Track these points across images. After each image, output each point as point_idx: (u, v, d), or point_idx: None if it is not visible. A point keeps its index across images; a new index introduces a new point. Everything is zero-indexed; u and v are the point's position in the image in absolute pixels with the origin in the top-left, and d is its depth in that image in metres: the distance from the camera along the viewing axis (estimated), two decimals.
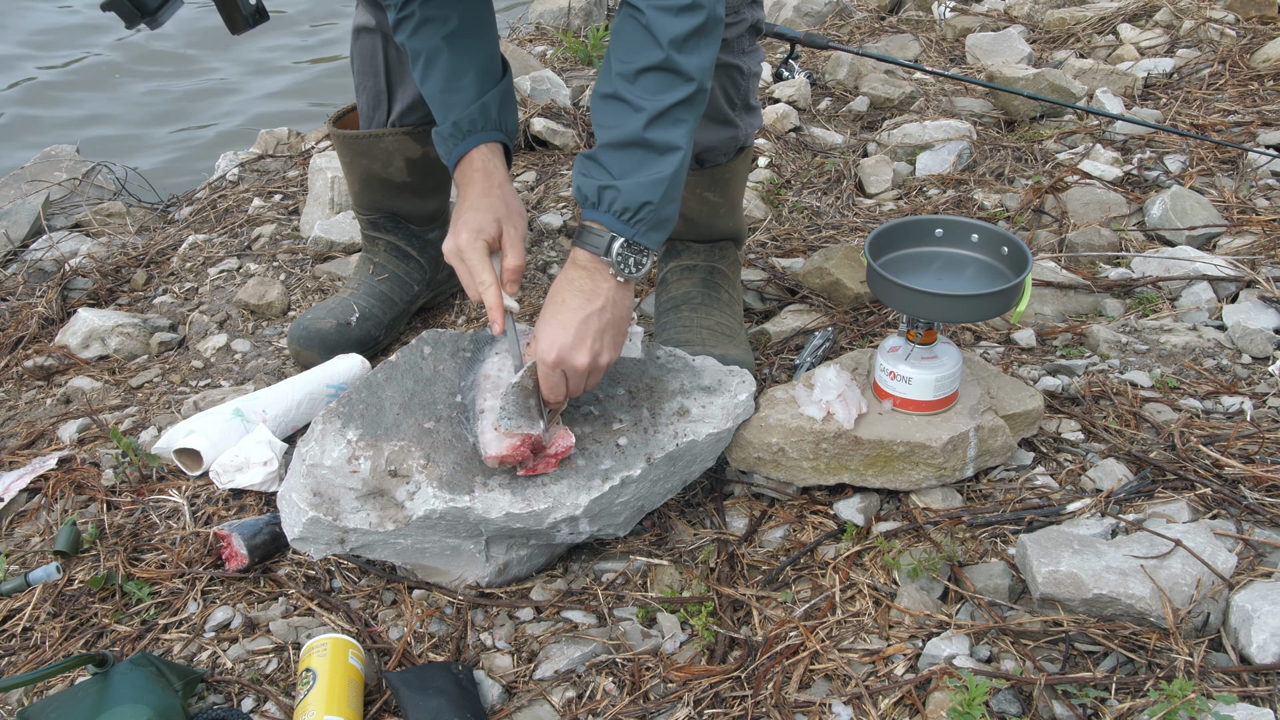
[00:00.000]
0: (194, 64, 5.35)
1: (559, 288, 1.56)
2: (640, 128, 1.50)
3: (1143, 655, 1.40)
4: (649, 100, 1.49)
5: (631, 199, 1.51)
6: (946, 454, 1.66)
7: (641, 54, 1.49)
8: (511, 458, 1.53)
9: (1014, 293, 1.61)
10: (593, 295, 1.54)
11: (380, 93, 2.12)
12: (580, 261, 1.54)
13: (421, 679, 1.44)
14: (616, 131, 1.51)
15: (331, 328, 2.14)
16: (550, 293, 1.57)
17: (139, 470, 1.92)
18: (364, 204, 2.23)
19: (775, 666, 1.46)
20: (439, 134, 1.71)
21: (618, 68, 1.51)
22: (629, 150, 1.51)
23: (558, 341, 1.51)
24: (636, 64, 1.49)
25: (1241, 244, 2.40)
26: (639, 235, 1.53)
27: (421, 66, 1.70)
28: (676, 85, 1.50)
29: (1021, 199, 2.65)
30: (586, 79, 3.50)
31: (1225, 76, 3.29)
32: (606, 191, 1.52)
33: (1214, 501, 1.65)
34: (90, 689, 1.42)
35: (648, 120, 1.50)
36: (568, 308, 1.53)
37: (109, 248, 2.81)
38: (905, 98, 3.31)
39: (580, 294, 1.53)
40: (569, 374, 1.54)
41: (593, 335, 1.53)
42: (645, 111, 1.49)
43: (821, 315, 2.23)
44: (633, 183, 1.51)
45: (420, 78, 1.71)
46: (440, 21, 1.67)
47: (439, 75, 1.69)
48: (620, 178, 1.51)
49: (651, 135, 1.50)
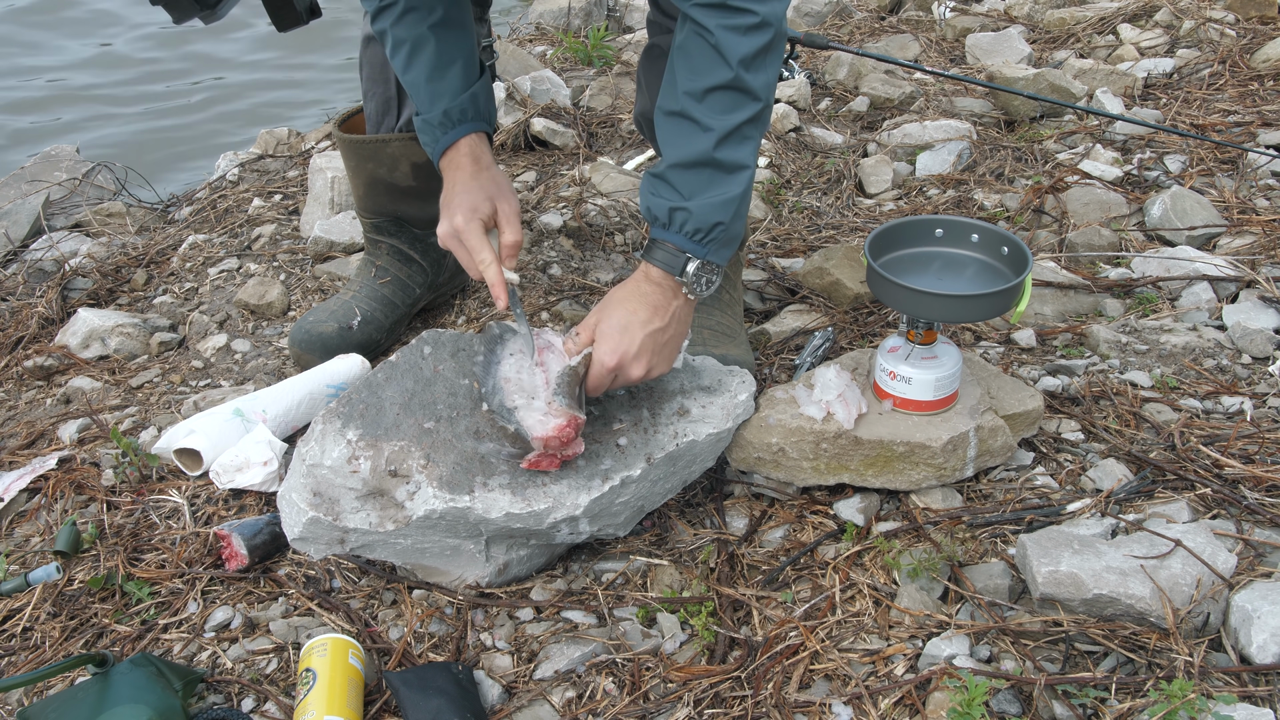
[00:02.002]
0: (194, 64, 5.35)
1: (630, 296, 1.57)
2: (710, 147, 1.50)
3: (1143, 655, 1.40)
4: (718, 120, 1.50)
5: (704, 220, 1.53)
6: (946, 454, 1.66)
7: (709, 73, 1.49)
8: (559, 439, 1.53)
9: (1014, 293, 1.61)
10: (662, 311, 1.57)
11: (390, 99, 2.13)
12: (654, 278, 1.57)
13: (421, 679, 1.44)
14: (685, 151, 1.52)
15: (333, 331, 2.14)
16: (617, 297, 1.58)
17: (139, 470, 1.92)
18: (368, 207, 2.23)
19: (775, 666, 1.46)
20: (425, 121, 1.73)
21: (685, 86, 1.51)
22: (698, 170, 1.52)
23: (620, 349, 1.55)
24: (704, 83, 1.49)
25: (1241, 244, 2.40)
26: (710, 254, 1.56)
27: (405, 54, 1.71)
28: (744, 104, 1.50)
29: (1021, 199, 2.65)
30: (586, 79, 3.50)
31: (1225, 76, 3.29)
32: (678, 213, 1.53)
33: (1214, 501, 1.65)
34: (90, 689, 1.42)
35: (717, 140, 1.50)
36: (637, 319, 1.56)
37: (109, 248, 2.81)
38: (905, 98, 3.31)
39: (651, 308, 1.57)
40: (620, 379, 1.58)
41: (652, 350, 1.58)
42: (714, 131, 1.50)
43: (821, 315, 2.23)
44: (704, 203, 1.52)
45: (403, 66, 1.73)
46: (425, 10, 1.68)
47: (424, 64, 1.71)
48: (690, 198, 1.52)
49: (721, 155, 1.51)
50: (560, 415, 1.53)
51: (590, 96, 3.37)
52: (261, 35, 5.48)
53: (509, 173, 2.99)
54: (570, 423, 1.53)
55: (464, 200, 1.67)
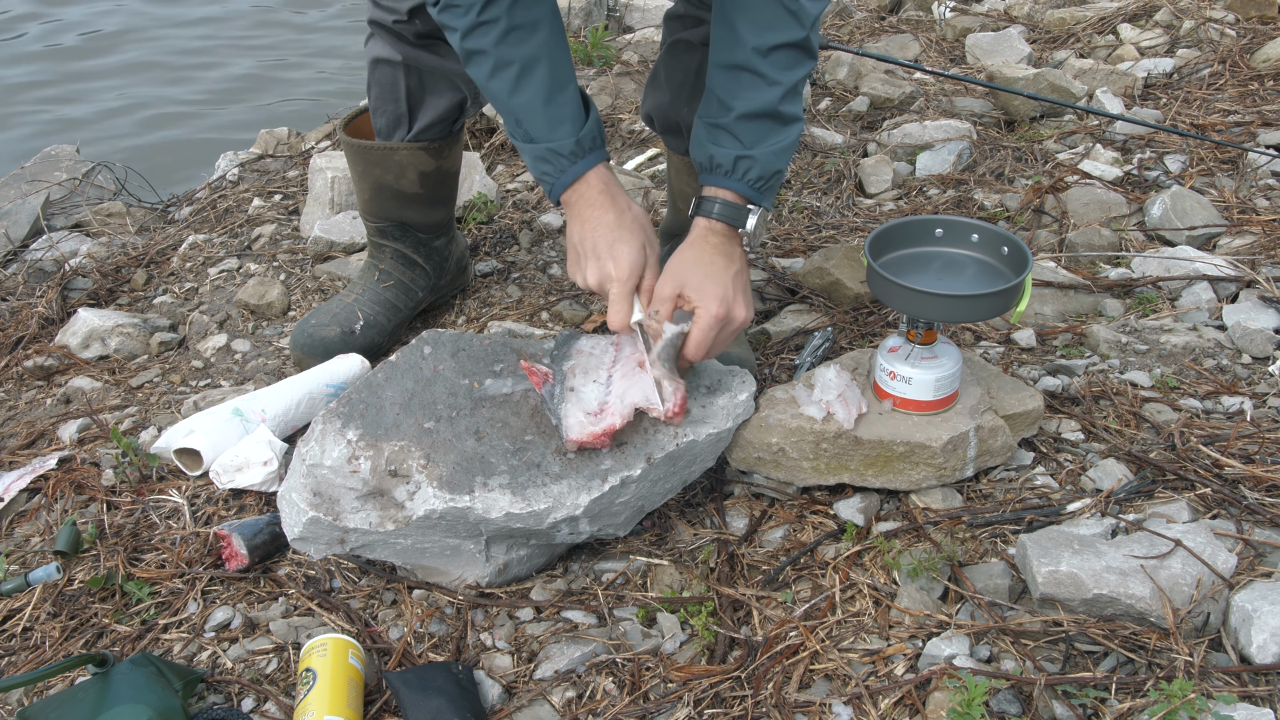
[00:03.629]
0: (194, 63, 5.35)
1: (700, 251, 1.61)
2: (776, 100, 1.60)
3: (1143, 655, 1.40)
4: (784, 75, 1.59)
5: (766, 167, 1.62)
6: (946, 454, 1.66)
7: (780, 31, 1.57)
8: (591, 444, 1.57)
9: (1014, 293, 1.61)
10: (734, 257, 1.63)
11: (401, 115, 2.12)
12: (718, 230, 1.62)
13: (421, 679, 1.44)
14: (751, 103, 1.60)
15: (335, 335, 2.13)
16: (689, 257, 1.62)
17: (139, 470, 1.92)
18: (373, 212, 2.23)
19: (775, 666, 1.46)
20: (552, 150, 1.60)
21: (752, 41, 1.57)
22: (761, 121, 1.61)
23: (721, 295, 1.59)
24: (773, 39, 1.57)
25: (1241, 244, 2.40)
26: (766, 201, 1.64)
27: (513, 76, 1.57)
28: (804, 62, 1.62)
29: (1021, 199, 2.65)
30: (587, 79, 3.50)
31: (1225, 76, 3.29)
32: (743, 161, 1.61)
33: (1214, 501, 1.65)
34: (90, 689, 1.42)
35: (783, 94, 1.60)
36: (718, 267, 1.61)
37: (109, 248, 2.81)
38: (905, 98, 3.31)
39: (725, 255, 1.62)
40: (728, 327, 1.61)
41: (743, 291, 1.63)
42: (781, 85, 1.60)
43: (821, 315, 2.23)
44: (765, 151, 1.61)
45: (509, 89, 1.58)
46: (529, 29, 1.57)
47: (540, 86, 1.58)
48: (752, 147, 1.61)
49: (784, 108, 1.61)
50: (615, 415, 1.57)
51: (590, 96, 3.37)
52: (263, 36, 5.48)
53: (509, 172, 2.99)
54: (605, 432, 1.56)
55: (625, 254, 1.60)
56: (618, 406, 1.58)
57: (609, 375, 1.63)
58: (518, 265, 2.53)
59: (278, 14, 5.95)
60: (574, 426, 1.57)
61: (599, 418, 1.58)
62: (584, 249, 1.63)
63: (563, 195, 1.64)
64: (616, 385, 1.61)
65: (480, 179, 2.75)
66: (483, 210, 2.69)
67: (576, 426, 1.57)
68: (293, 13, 5.91)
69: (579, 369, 1.65)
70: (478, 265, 2.53)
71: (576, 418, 1.58)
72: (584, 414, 1.59)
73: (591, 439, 1.56)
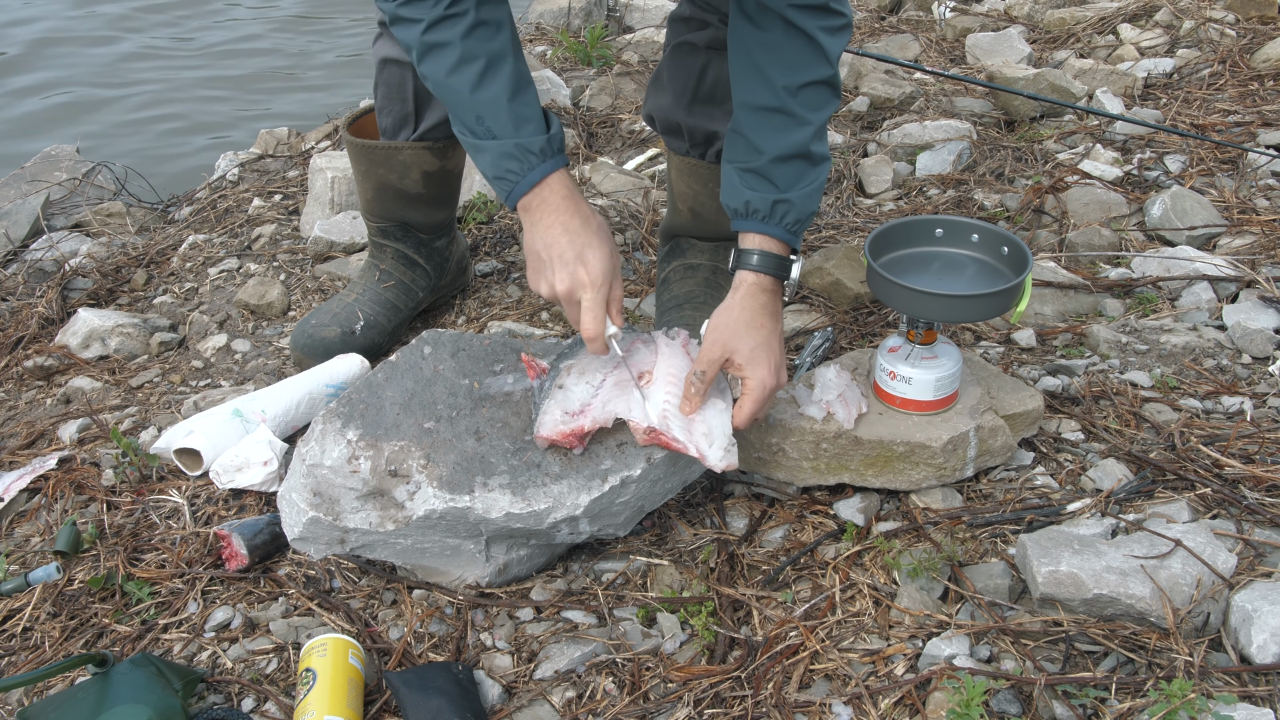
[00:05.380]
0: (194, 63, 5.35)
1: (749, 313, 1.59)
2: (808, 140, 1.59)
3: (1143, 655, 1.40)
4: (814, 114, 1.59)
5: (803, 210, 1.61)
6: (946, 454, 1.66)
7: (809, 70, 1.56)
8: (560, 443, 1.57)
9: (1014, 293, 1.61)
10: (778, 315, 1.62)
11: (407, 115, 2.11)
12: (766, 286, 1.60)
13: (421, 679, 1.44)
14: (784, 144, 1.59)
15: (336, 336, 2.13)
16: (735, 318, 1.59)
17: (139, 470, 1.92)
18: (375, 212, 2.22)
19: (775, 666, 1.46)
20: (521, 146, 1.55)
21: (782, 80, 1.56)
22: (793, 163, 1.60)
23: (775, 365, 1.58)
24: (801, 78, 1.56)
25: (1241, 244, 2.40)
26: (798, 242, 1.63)
27: (478, 71, 1.54)
28: (832, 100, 1.61)
29: (1021, 199, 2.65)
30: (587, 79, 3.50)
31: (1225, 76, 3.29)
32: (780, 205, 1.59)
33: (1214, 501, 1.65)
34: (90, 689, 1.42)
35: (814, 133, 1.59)
36: (767, 331, 1.59)
37: (109, 248, 2.81)
38: (905, 98, 3.31)
39: (771, 315, 1.60)
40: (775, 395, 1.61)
41: (783, 351, 1.61)
42: (811, 125, 1.58)
43: (821, 315, 2.23)
44: (800, 194, 1.60)
45: (473, 83, 1.55)
46: (495, 26, 1.56)
47: (504, 83, 1.55)
48: (787, 190, 1.59)
49: (814, 148, 1.60)
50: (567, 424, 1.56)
51: (590, 96, 3.37)
52: (265, 36, 5.48)
53: None
54: (573, 432, 1.55)
55: (596, 262, 1.54)
56: (598, 412, 1.57)
57: (604, 380, 1.63)
58: (518, 265, 2.53)
59: (278, 15, 5.95)
60: (548, 422, 1.57)
61: (575, 418, 1.57)
62: (550, 255, 1.55)
63: (524, 198, 1.57)
64: (605, 392, 1.60)
65: (481, 179, 2.75)
66: (483, 210, 2.69)
67: (550, 423, 1.57)
68: (294, 13, 5.91)
69: (577, 369, 1.64)
70: (478, 265, 2.53)
71: (554, 414, 1.58)
72: (563, 412, 1.58)
73: (561, 437, 1.55)
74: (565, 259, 1.54)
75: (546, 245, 1.55)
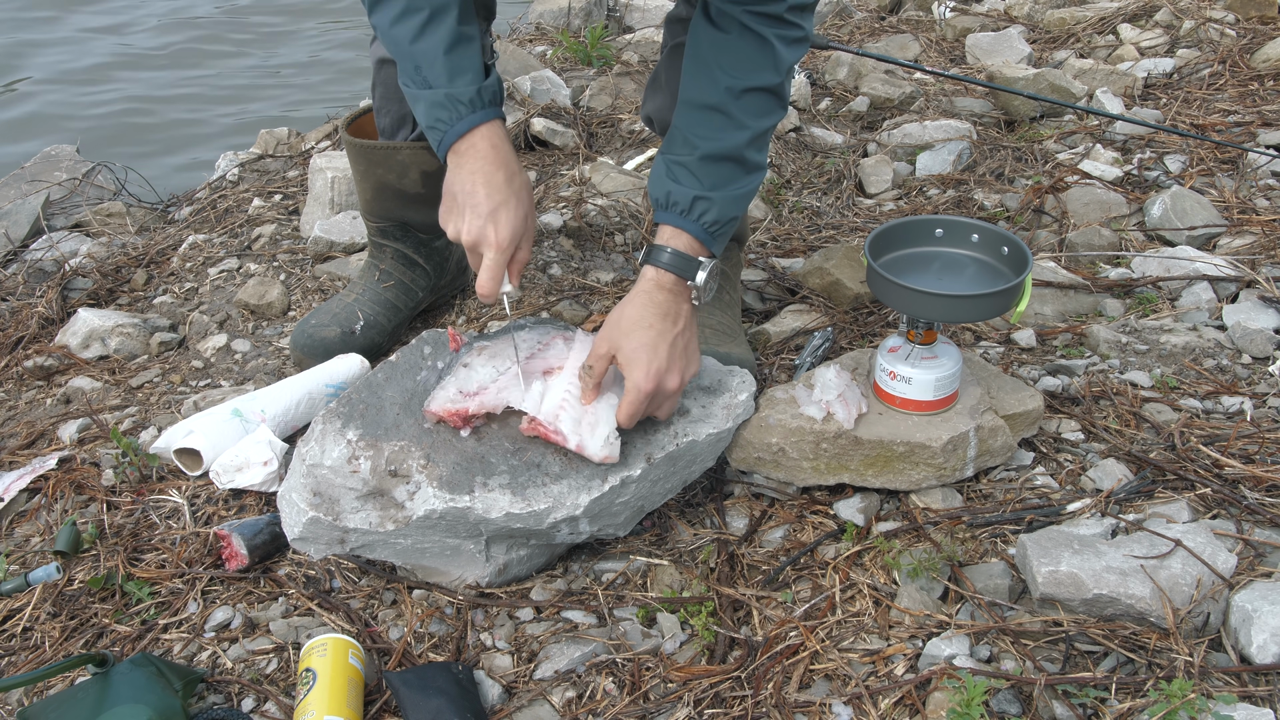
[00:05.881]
0: (194, 62, 5.35)
1: (641, 310, 1.56)
2: (743, 145, 1.58)
3: (1143, 655, 1.40)
4: (754, 120, 1.58)
5: (724, 212, 1.58)
6: (946, 454, 1.66)
7: (756, 75, 1.56)
8: (446, 420, 1.59)
9: (1014, 293, 1.61)
10: (675, 317, 1.57)
11: (405, 115, 2.11)
12: (665, 284, 1.57)
13: (421, 679, 1.44)
14: (717, 144, 1.57)
15: (335, 336, 2.13)
16: (626, 315, 1.56)
17: (139, 470, 1.92)
18: (374, 212, 2.23)
19: (775, 666, 1.46)
20: (451, 96, 1.54)
21: (726, 82, 1.55)
22: (724, 164, 1.58)
23: (654, 369, 1.53)
24: (747, 83, 1.55)
25: (1241, 244, 2.40)
26: (717, 247, 1.59)
27: (420, 21, 1.54)
28: (776, 110, 1.60)
29: (1021, 199, 2.65)
30: (587, 79, 3.50)
31: (1225, 76, 3.29)
32: (700, 201, 1.57)
33: (1214, 501, 1.65)
34: (90, 689, 1.42)
35: (750, 139, 1.58)
36: (656, 331, 1.55)
37: (109, 248, 2.81)
38: (905, 98, 3.31)
39: (665, 317, 1.56)
40: (659, 399, 1.57)
41: (680, 356, 1.57)
42: (749, 130, 1.57)
43: (821, 315, 2.23)
44: (725, 196, 1.58)
45: (414, 33, 1.54)
46: None
47: (444, 34, 1.54)
48: (712, 190, 1.57)
49: (749, 154, 1.59)
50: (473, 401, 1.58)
51: (590, 96, 3.37)
52: (265, 34, 5.49)
53: None
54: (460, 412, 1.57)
55: (509, 219, 1.54)
56: (490, 397, 1.59)
57: (510, 368, 1.63)
58: None
59: (279, 13, 5.95)
60: (440, 398, 1.60)
61: (466, 399, 1.59)
62: (464, 200, 1.54)
63: (453, 146, 1.55)
64: (505, 379, 1.62)
65: None
66: None
67: (442, 398, 1.60)
68: (295, 14, 5.92)
69: (489, 352, 1.65)
70: None
71: (449, 390, 1.61)
72: (458, 390, 1.60)
73: (448, 415, 1.58)
74: (479, 211, 1.54)
75: (464, 191, 1.55)
